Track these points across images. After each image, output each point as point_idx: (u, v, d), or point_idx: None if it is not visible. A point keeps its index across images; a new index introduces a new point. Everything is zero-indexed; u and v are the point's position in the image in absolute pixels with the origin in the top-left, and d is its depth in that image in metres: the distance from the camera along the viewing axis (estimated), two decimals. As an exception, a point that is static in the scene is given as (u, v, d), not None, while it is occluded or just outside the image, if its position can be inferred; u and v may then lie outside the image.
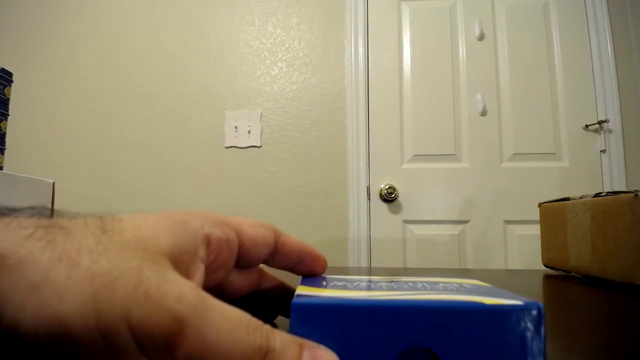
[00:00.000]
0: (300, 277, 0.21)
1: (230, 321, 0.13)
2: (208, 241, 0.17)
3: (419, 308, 0.15)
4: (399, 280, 0.20)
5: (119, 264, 0.12)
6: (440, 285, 0.19)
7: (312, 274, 0.21)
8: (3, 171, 0.70)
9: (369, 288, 0.18)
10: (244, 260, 0.19)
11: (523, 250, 1.38)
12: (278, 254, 0.20)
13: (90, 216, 0.15)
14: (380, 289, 0.18)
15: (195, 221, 0.17)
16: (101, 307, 0.11)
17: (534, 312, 0.15)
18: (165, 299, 0.12)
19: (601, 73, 1.42)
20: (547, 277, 0.50)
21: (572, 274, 0.50)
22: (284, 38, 1.54)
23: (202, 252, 0.16)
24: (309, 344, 0.14)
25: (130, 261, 0.13)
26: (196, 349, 0.12)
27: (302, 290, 0.17)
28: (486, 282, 0.20)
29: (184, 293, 0.13)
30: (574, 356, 0.20)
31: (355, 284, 0.19)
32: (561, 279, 0.48)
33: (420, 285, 0.19)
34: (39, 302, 0.11)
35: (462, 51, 1.48)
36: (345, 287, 0.18)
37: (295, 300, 0.15)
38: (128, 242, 0.14)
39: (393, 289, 0.17)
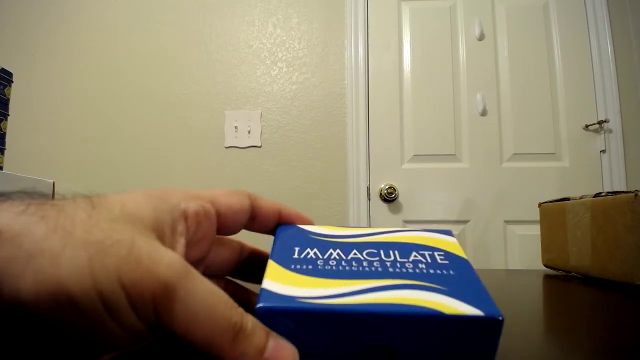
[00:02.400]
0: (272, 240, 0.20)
1: (213, 295, 0.14)
2: (185, 216, 0.17)
3: (378, 315, 0.15)
4: (371, 245, 0.19)
5: (111, 235, 0.13)
6: (411, 261, 0.18)
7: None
8: (3, 171, 0.70)
9: (338, 269, 0.17)
10: (224, 229, 0.20)
11: (523, 250, 1.38)
12: (257, 218, 0.21)
13: (79, 196, 0.15)
14: (350, 270, 0.17)
15: (172, 197, 0.17)
16: (97, 271, 0.12)
17: (493, 323, 0.15)
18: (155, 265, 0.13)
19: (601, 73, 1.42)
20: (547, 277, 0.50)
21: (572, 274, 0.50)
22: (284, 38, 1.54)
23: (181, 227, 0.17)
24: (274, 334, 0.15)
25: (122, 233, 0.14)
26: (179, 314, 0.13)
27: (269, 277, 0.17)
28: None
29: (172, 262, 0.14)
30: (574, 356, 0.20)
31: (326, 256, 0.18)
32: (561, 279, 0.48)
33: (389, 263, 0.18)
34: (37, 269, 0.12)
35: (462, 51, 1.48)
36: (315, 268, 0.17)
37: (258, 305, 0.15)
38: (117, 216, 0.14)
39: (362, 272, 0.17)
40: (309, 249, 0.19)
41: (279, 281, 0.16)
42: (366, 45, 1.51)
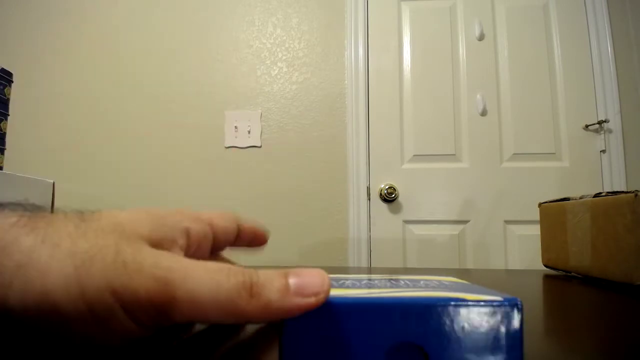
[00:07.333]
0: None
1: (210, 271, 0.14)
2: (188, 234, 0.18)
3: (402, 304, 0.15)
4: (382, 278, 0.21)
5: (97, 243, 0.13)
6: (422, 282, 0.19)
7: (259, 246, 0.24)
8: (3, 171, 0.70)
9: (354, 286, 0.18)
10: (214, 249, 0.21)
11: (523, 250, 1.38)
12: (238, 238, 0.23)
13: (71, 210, 0.16)
14: (365, 286, 0.18)
15: (175, 217, 0.18)
16: (84, 280, 0.12)
17: (512, 307, 0.15)
18: (142, 265, 0.13)
19: (601, 73, 1.42)
20: (547, 277, 0.50)
21: (572, 274, 0.50)
22: (284, 38, 1.54)
23: (181, 241, 0.17)
24: (293, 270, 0.14)
25: (107, 240, 0.14)
26: (185, 302, 0.13)
27: None
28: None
29: (160, 259, 0.14)
30: (574, 356, 0.20)
31: (340, 282, 0.19)
32: (561, 279, 0.48)
33: (402, 282, 0.19)
34: (25, 279, 0.12)
35: (462, 51, 1.48)
36: (332, 286, 0.18)
37: None
38: (105, 226, 0.14)
39: (377, 287, 0.18)
40: None
41: None
42: (366, 46, 1.51)
